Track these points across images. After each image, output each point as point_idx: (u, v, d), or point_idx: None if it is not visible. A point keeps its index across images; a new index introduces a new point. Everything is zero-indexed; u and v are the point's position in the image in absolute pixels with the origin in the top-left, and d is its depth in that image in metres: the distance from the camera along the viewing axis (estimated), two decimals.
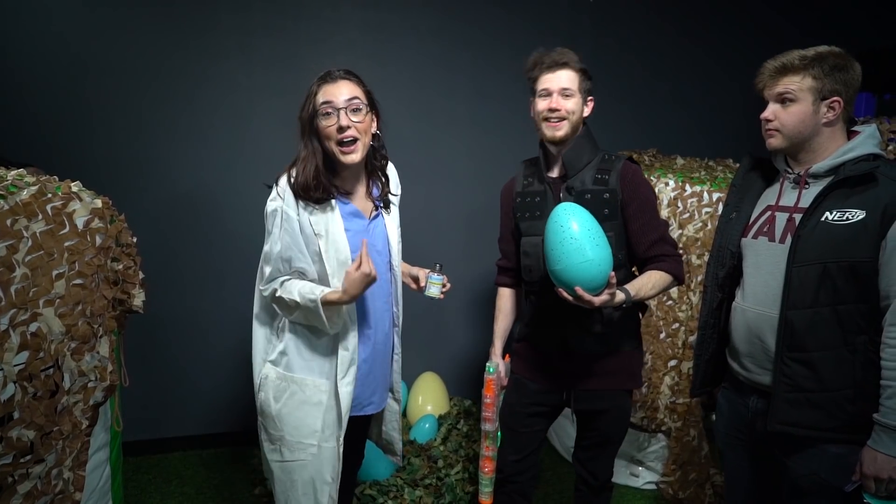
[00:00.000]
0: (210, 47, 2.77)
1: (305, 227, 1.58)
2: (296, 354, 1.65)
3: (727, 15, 3.44)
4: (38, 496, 1.30)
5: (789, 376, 1.46)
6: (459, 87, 3.10)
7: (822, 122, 1.46)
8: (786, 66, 1.47)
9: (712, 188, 2.55)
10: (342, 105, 1.54)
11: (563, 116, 1.72)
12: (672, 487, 2.61)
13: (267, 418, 1.69)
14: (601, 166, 1.76)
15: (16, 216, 1.25)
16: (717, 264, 1.67)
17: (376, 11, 2.94)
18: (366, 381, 1.71)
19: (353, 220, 1.65)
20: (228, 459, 2.92)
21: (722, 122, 3.51)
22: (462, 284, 3.18)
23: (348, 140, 1.54)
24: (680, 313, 2.56)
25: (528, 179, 1.86)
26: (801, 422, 1.46)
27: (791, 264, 1.45)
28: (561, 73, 1.73)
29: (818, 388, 1.44)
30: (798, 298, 1.44)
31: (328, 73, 1.61)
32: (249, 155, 2.88)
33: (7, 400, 1.21)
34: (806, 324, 1.43)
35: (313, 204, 1.58)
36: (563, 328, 1.77)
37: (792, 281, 1.45)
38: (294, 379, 1.65)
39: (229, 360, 3.00)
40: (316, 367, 1.65)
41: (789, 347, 1.46)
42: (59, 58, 2.60)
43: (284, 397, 1.65)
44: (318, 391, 1.64)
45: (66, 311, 1.35)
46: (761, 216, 1.59)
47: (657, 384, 2.61)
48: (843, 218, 1.40)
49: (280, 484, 1.68)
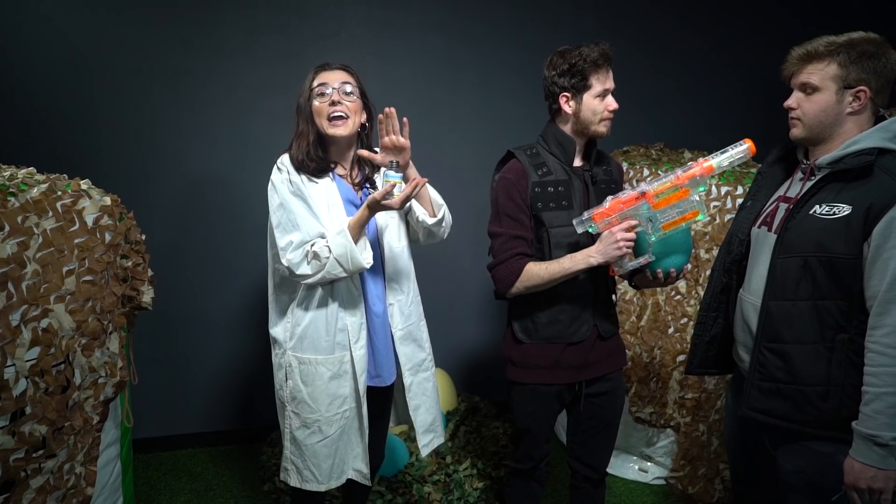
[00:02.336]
0: (215, 44, 2.78)
1: (309, 196, 1.68)
2: (315, 336, 1.73)
3: (733, 8, 3.42)
4: (50, 490, 1.31)
5: (763, 365, 1.47)
6: (465, 83, 3.09)
7: (847, 112, 1.41)
8: (810, 53, 1.43)
9: (720, 182, 2.53)
10: (336, 86, 1.67)
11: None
12: (681, 483, 2.60)
13: (300, 404, 1.76)
14: (599, 160, 1.85)
15: (27, 213, 1.26)
16: (725, 250, 1.66)
17: (381, 8, 2.94)
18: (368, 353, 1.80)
19: (345, 197, 1.75)
20: (237, 456, 2.94)
21: (729, 115, 3.48)
22: (470, 281, 3.18)
23: (337, 115, 1.66)
24: (689, 308, 2.55)
25: (541, 169, 1.77)
26: (771, 410, 1.46)
27: (776, 255, 1.44)
28: (611, 73, 1.75)
29: (789, 380, 1.43)
30: (779, 289, 1.44)
31: (326, 63, 1.74)
32: (255, 152, 2.89)
33: (19, 395, 1.22)
34: (784, 315, 1.43)
35: (313, 177, 1.69)
36: (592, 316, 1.80)
37: (775, 271, 1.44)
38: (318, 360, 1.73)
39: (238, 357, 3.02)
40: (333, 342, 1.73)
41: (766, 337, 1.46)
42: (64, 57, 2.61)
43: (313, 378, 1.73)
44: (342, 363, 1.74)
45: (76, 308, 1.36)
46: (769, 206, 1.57)
47: (666, 379, 2.60)
48: (829, 212, 1.37)
49: (326, 458, 1.77)
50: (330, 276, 1.64)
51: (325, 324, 1.73)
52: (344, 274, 1.64)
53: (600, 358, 1.83)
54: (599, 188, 1.79)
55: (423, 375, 1.90)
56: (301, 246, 1.64)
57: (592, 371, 1.83)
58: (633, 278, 1.84)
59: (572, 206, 1.75)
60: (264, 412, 3.07)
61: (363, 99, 1.74)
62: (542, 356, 1.80)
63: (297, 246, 1.64)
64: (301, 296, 1.74)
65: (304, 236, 1.64)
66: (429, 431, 1.92)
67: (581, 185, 1.79)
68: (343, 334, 1.74)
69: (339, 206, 1.70)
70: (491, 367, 3.33)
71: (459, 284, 3.23)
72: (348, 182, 1.78)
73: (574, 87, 1.72)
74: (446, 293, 3.21)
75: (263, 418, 3.06)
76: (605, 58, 1.71)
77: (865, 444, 1.31)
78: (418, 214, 1.78)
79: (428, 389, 1.91)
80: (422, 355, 1.89)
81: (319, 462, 1.77)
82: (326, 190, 1.70)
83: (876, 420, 1.30)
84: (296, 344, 1.74)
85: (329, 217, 1.69)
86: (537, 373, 1.81)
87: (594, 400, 1.87)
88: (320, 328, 1.73)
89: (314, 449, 1.76)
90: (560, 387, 1.83)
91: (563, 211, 1.74)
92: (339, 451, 1.79)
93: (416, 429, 1.89)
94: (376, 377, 1.82)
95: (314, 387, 1.73)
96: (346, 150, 1.77)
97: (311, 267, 1.63)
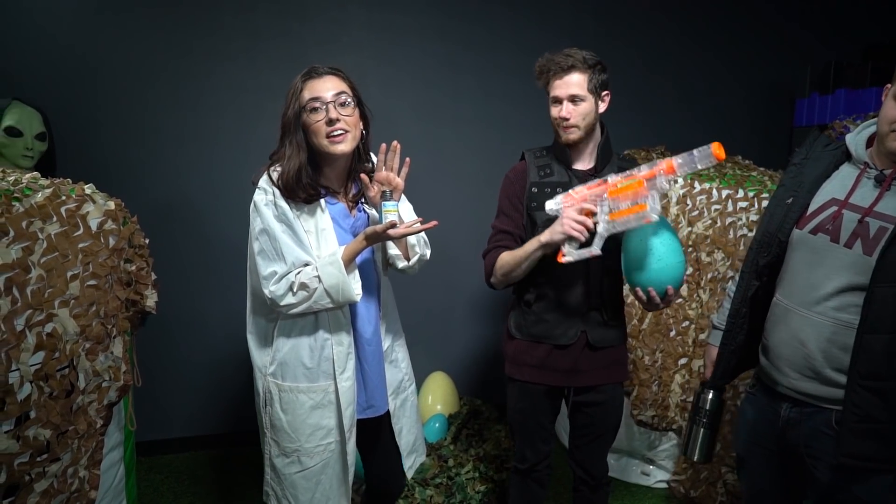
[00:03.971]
0: (216, 49, 2.79)
1: (296, 223, 1.56)
2: (296, 363, 1.62)
3: (732, 12, 3.43)
4: (54, 494, 1.31)
5: (858, 405, 1.30)
6: (465, 87, 3.10)
7: None
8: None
9: (721, 185, 2.54)
10: (330, 99, 1.51)
11: (574, 124, 1.70)
12: (683, 486, 2.60)
13: (279, 432, 1.66)
14: (621, 164, 1.77)
15: (31, 218, 1.27)
16: (760, 251, 1.51)
17: (382, 12, 2.95)
18: (358, 382, 1.70)
19: (340, 218, 1.65)
20: (239, 459, 2.94)
21: (728, 119, 3.49)
22: (470, 284, 3.19)
23: (338, 132, 1.52)
24: (690, 311, 2.55)
25: (544, 171, 1.80)
26: (868, 455, 1.32)
27: (875, 282, 1.26)
28: (569, 78, 1.68)
29: (888, 419, 1.29)
30: (879, 321, 1.27)
31: (312, 68, 1.57)
32: (257, 157, 2.87)
33: (24, 399, 1.22)
34: (885, 349, 1.27)
35: (302, 203, 1.56)
36: (582, 322, 1.78)
37: (874, 301, 1.26)
38: (299, 388, 1.63)
39: (240, 361, 3.02)
40: (318, 371, 1.63)
41: (862, 374, 1.29)
42: (66, 62, 2.63)
43: (293, 407, 1.64)
44: (326, 393, 1.64)
45: (80, 312, 1.36)
46: (824, 209, 1.40)
47: (668, 382, 2.60)
48: None
49: (305, 492, 1.67)
50: (318, 307, 1.55)
51: (308, 351, 1.62)
52: (331, 305, 1.55)
53: (592, 367, 1.82)
54: None
55: (403, 396, 1.82)
56: (284, 276, 1.53)
57: (583, 379, 1.83)
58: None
59: None
60: None
61: (360, 107, 1.60)
62: (530, 354, 1.84)
63: (281, 277, 1.53)
64: (282, 321, 1.63)
65: (289, 266, 1.53)
66: (412, 452, 1.86)
67: None
68: (328, 363, 1.62)
69: (329, 231, 1.59)
70: (492, 369, 3.33)
71: (460, 287, 3.23)
72: (343, 199, 1.67)
73: (546, 93, 1.78)
74: (447, 296, 3.22)
75: None
76: (547, 66, 1.71)
77: None
78: (391, 254, 1.70)
79: (407, 409, 1.84)
80: (399, 375, 1.81)
81: (297, 494, 1.67)
82: (316, 216, 1.58)
83: None
84: (276, 370, 1.64)
85: (318, 244, 1.57)
86: (527, 370, 1.85)
87: (586, 409, 1.88)
88: (303, 355, 1.62)
89: (292, 479, 1.67)
90: (549, 388, 1.85)
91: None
92: (322, 486, 1.68)
93: (402, 451, 1.81)
94: (368, 408, 1.71)
95: (294, 416, 1.63)
96: (344, 166, 1.64)
97: (297, 297, 1.52)
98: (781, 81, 3.49)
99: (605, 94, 1.75)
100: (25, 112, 2.26)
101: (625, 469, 2.80)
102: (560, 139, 1.76)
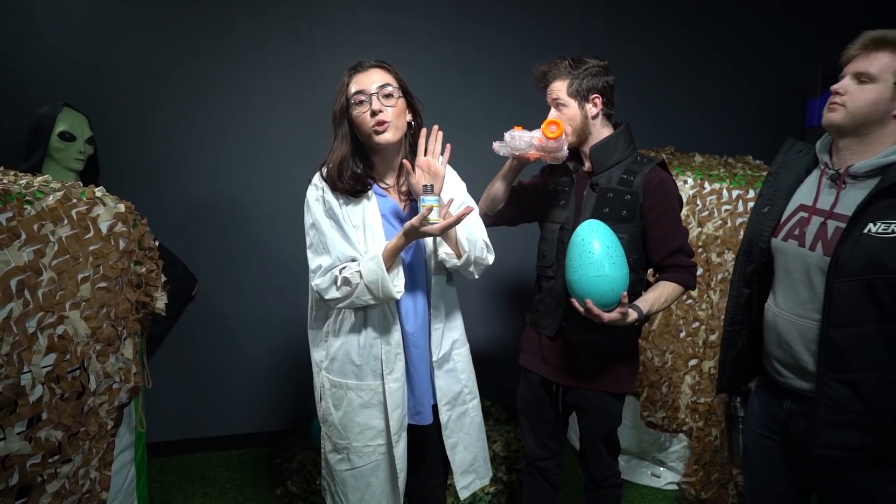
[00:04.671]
0: (225, 52, 2.81)
1: (343, 218, 1.57)
2: (345, 360, 1.63)
3: (741, 13, 3.40)
4: (66, 495, 1.32)
5: (832, 398, 1.35)
6: (474, 88, 3.10)
7: (893, 114, 1.31)
8: (880, 40, 1.30)
9: (731, 185, 2.52)
10: (374, 91, 1.52)
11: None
12: (694, 488, 2.58)
13: (331, 428, 1.67)
14: (630, 167, 1.75)
15: (42, 221, 1.28)
16: (745, 260, 1.57)
17: (391, 13, 2.96)
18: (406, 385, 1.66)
19: (391, 213, 1.63)
20: (250, 460, 2.95)
21: (738, 119, 3.47)
22: (481, 285, 3.18)
23: (381, 123, 1.52)
24: (700, 312, 2.54)
25: (563, 169, 1.87)
26: (847, 444, 1.35)
27: (832, 279, 1.32)
28: (552, 87, 1.76)
29: (863, 410, 1.32)
30: (839, 316, 1.32)
31: (359, 63, 1.58)
32: (267, 158, 2.91)
33: (36, 401, 1.23)
34: (850, 343, 1.32)
35: (349, 196, 1.57)
36: (564, 318, 1.80)
37: (833, 297, 1.32)
38: (348, 385, 1.63)
39: (251, 362, 3.04)
40: (366, 369, 1.62)
41: (832, 368, 1.34)
42: (76, 66, 2.65)
43: (343, 404, 1.64)
44: (375, 393, 1.62)
45: (91, 314, 1.37)
46: (794, 216, 1.46)
47: (678, 384, 2.58)
48: (887, 230, 1.26)
49: (354, 491, 1.66)
50: (360, 302, 1.54)
51: (357, 349, 1.61)
52: (373, 301, 1.54)
53: (576, 368, 1.82)
54: (604, 196, 1.74)
55: (461, 409, 1.73)
56: (329, 270, 1.55)
57: (568, 378, 1.85)
58: None
59: (567, 206, 1.82)
60: (277, 416, 3.09)
61: (407, 96, 1.59)
62: (529, 340, 1.95)
63: (326, 270, 1.55)
64: (334, 317, 1.66)
65: (334, 261, 1.55)
66: (468, 472, 1.76)
67: (578, 188, 1.82)
68: (376, 362, 1.61)
69: (377, 226, 1.58)
70: (501, 370, 3.32)
71: (470, 288, 3.22)
72: (394, 193, 1.65)
73: None
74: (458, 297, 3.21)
75: (276, 422, 3.08)
76: (536, 80, 1.80)
77: None
78: (442, 252, 1.63)
79: (466, 425, 1.74)
80: (457, 386, 1.72)
81: (347, 492, 1.67)
82: (364, 210, 1.58)
83: None
84: (329, 365, 1.66)
85: (365, 239, 1.57)
86: (526, 356, 1.96)
87: (578, 413, 1.93)
88: (352, 353, 1.62)
89: (343, 476, 1.67)
90: (543, 379, 1.91)
91: (559, 209, 1.84)
92: (372, 489, 1.65)
93: (454, 469, 1.73)
94: (416, 414, 1.67)
95: (344, 412, 1.63)
96: (392, 158, 1.63)
97: (341, 292, 1.53)
98: (793, 81, 3.46)
99: (595, 97, 1.74)
100: (76, 117, 2.35)
101: (635, 471, 2.79)
102: None
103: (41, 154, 2.28)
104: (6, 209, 1.21)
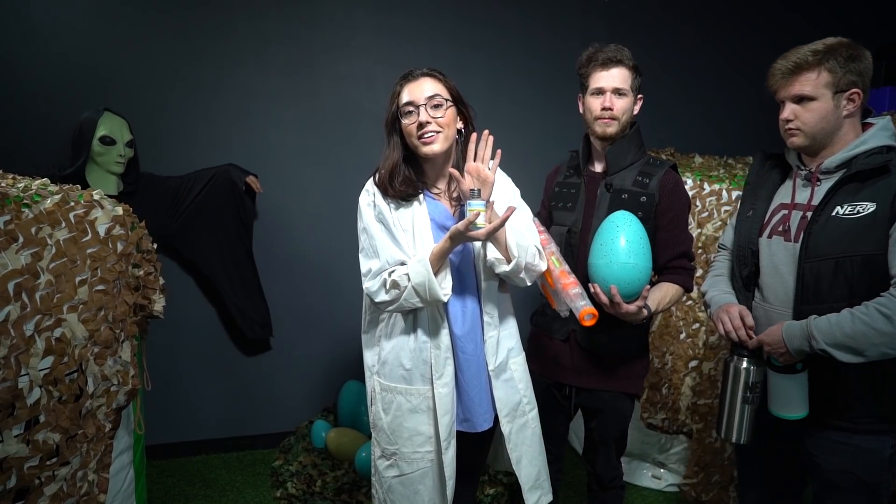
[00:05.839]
0: (226, 55, 2.82)
1: (393, 223, 1.58)
2: (395, 364, 1.61)
3: (742, 14, 3.40)
4: (64, 498, 1.32)
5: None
6: (474, 90, 3.06)
7: (844, 115, 1.43)
8: (799, 64, 1.42)
9: (731, 186, 2.52)
10: (422, 102, 1.53)
11: (616, 116, 1.72)
12: (694, 490, 2.57)
13: (380, 433, 1.65)
14: (644, 169, 1.75)
15: (40, 224, 1.28)
16: (740, 264, 1.63)
17: (390, 16, 2.96)
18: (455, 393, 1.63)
19: (441, 218, 1.62)
20: (250, 462, 2.95)
21: (738, 120, 3.47)
22: None
23: (429, 134, 1.52)
24: (700, 313, 2.53)
25: (569, 171, 1.88)
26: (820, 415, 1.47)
27: (803, 261, 1.44)
28: (615, 72, 1.71)
29: (834, 382, 1.45)
30: (811, 295, 1.43)
31: (410, 72, 1.60)
32: (268, 162, 2.92)
33: (33, 404, 1.24)
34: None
35: (400, 200, 1.58)
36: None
37: (805, 277, 1.43)
38: (398, 389, 1.61)
39: (251, 364, 3.04)
40: (416, 373, 1.60)
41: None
42: (77, 69, 2.66)
43: (392, 408, 1.62)
44: (424, 398, 1.60)
45: (89, 317, 1.38)
46: (775, 214, 1.56)
47: (678, 385, 2.58)
48: (853, 211, 1.38)
49: (402, 499, 1.63)
50: (408, 305, 1.53)
51: (407, 353, 1.60)
52: (421, 304, 1.53)
53: (588, 369, 1.81)
54: (619, 196, 1.74)
55: (521, 421, 1.68)
56: (379, 274, 1.55)
57: (578, 380, 1.83)
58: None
59: (574, 208, 1.81)
60: (277, 419, 3.09)
61: (457, 105, 1.59)
62: (535, 344, 1.93)
63: (376, 274, 1.56)
64: (386, 321, 1.65)
65: (384, 264, 1.55)
66: (535, 488, 1.70)
67: (589, 189, 1.80)
68: (426, 367, 1.58)
69: (426, 230, 1.57)
70: None
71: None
72: (445, 199, 1.64)
73: (581, 88, 1.81)
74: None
75: (276, 425, 3.08)
76: (595, 57, 1.74)
77: (802, 334, 1.38)
78: (491, 257, 1.56)
79: (528, 437, 1.69)
80: (516, 396, 1.67)
81: (395, 499, 1.63)
82: (413, 214, 1.58)
83: (829, 331, 1.35)
84: (380, 368, 1.65)
85: (414, 243, 1.57)
86: (532, 359, 1.89)
87: (587, 414, 1.90)
88: (402, 357, 1.60)
89: (390, 483, 1.63)
90: (550, 382, 1.88)
91: (567, 212, 1.82)
92: (420, 497, 1.61)
93: (522, 485, 1.67)
94: (465, 421, 1.63)
95: (393, 417, 1.61)
96: (443, 165, 1.62)
97: (390, 295, 1.54)
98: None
99: (640, 97, 1.78)
100: (116, 121, 2.42)
101: (635, 472, 2.78)
102: (597, 132, 1.75)
103: (84, 158, 2.37)
104: (4, 212, 1.22)
